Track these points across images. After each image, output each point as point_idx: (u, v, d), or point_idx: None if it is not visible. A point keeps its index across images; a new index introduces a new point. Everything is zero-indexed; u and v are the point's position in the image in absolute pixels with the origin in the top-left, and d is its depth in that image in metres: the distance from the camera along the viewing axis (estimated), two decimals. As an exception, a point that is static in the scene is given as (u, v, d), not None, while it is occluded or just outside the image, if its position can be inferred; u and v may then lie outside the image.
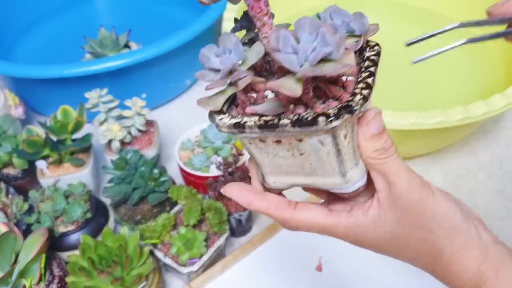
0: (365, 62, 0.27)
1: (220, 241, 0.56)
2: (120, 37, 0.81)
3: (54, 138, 0.63)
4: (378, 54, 0.28)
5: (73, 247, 0.56)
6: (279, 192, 0.30)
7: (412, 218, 0.27)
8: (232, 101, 0.28)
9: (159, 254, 0.55)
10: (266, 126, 0.25)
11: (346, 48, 0.25)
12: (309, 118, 0.24)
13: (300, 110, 0.26)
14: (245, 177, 0.59)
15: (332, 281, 0.56)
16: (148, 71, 0.75)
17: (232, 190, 0.30)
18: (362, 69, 0.27)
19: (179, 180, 0.68)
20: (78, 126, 0.63)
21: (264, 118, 0.25)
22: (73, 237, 0.56)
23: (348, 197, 0.29)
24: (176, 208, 0.59)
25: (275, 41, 0.23)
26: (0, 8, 0.93)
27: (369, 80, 0.26)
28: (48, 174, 0.63)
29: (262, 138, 0.27)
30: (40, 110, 0.82)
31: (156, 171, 0.60)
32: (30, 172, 0.65)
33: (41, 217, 0.56)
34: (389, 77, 0.82)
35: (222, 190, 0.30)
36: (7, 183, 0.64)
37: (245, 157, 0.64)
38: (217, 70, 0.26)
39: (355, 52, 0.27)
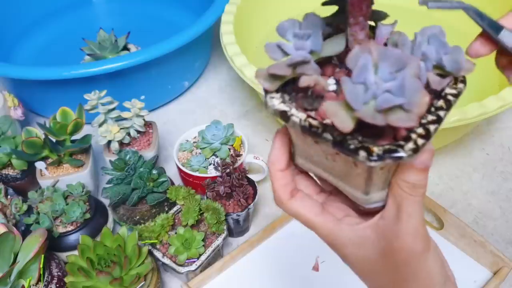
0: (439, 99, 0.24)
1: (218, 241, 0.56)
2: (119, 39, 0.82)
3: (53, 139, 0.63)
4: (459, 94, 0.24)
5: (72, 247, 0.56)
6: (302, 170, 0.30)
7: (396, 260, 0.26)
8: (292, 81, 0.26)
9: (157, 254, 0.55)
10: (308, 130, 0.23)
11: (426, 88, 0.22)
12: (351, 147, 0.22)
13: None
14: (242, 178, 0.59)
15: (329, 281, 0.56)
16: (146, 73, 0.76)
17: (276, 140, 0.29)
18: (432, 108, 0.24)
19: (177, 180, 0.68)
20: (77, 127, 0.63)
21: (310, 120, 0.24)
22: (72, 238, 0.56)
23: (360, 207, 0.28)
24: (175, 209, 0.60)
25: (353, 60, 0.22)
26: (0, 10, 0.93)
27: (432, 128, 0.22)
28: (47, 175, 0.63)
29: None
30: (39, 112, 0.82)
31: (154, 171, 0.61)
32: (29, 173, 0.65)
33: (40, 218, 0.56)
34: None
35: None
36: (6, 183, 0.64)
37: (243, 158, 0.65)
38: (286, 53, 0.24)
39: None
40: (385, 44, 0.27)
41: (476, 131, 0.77)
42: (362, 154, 0.22)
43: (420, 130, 0.22)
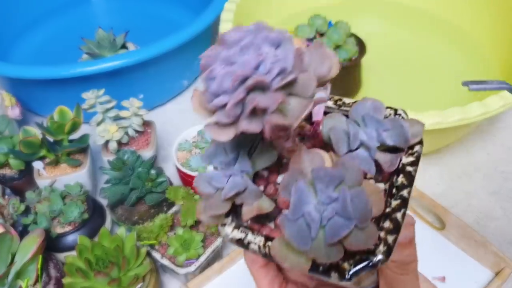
0: (397, 175, 0.22)
1: (218, 242, 0.56)
2: (117, 38, 0.81)
3: (51, 139, 0.63)
4: (418, 159, 0.22)
5: (70, 248, 0.55)
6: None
7: None
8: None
9: (156, 255, 0.55)
10: (271, 258, 0.21)
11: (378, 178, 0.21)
12: (320, 269, 0.20)
13: None
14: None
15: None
16: (145, 72, 0.75)
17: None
18: (393, 189, 0.21)
19: (176, 180, 0.68)
20: (75, 126, 0.63)
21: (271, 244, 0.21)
22: (70, 238, 0.56)
23: None
24: (174, 209, 0.59)
25: (286, 190, 0.20)
26: (-3, 9, 0.93)
27: (399, 216, 0.20)
28: (45, 175, 0.62)
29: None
30: (37, 111, 0.82)
31: (153, 171, 0.60)
32: (27, 172, 0.64)
33: (37, 218, 0.56)
34: (386, 78, 0.83)
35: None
36: (3, 183, 0.63)
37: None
38: (216, 188, 0.22)
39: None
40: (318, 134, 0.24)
41: (477, 130, 0.76)
42: (334, 275, 0.20)
43: (387, 224, 0.20)
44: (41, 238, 0.51)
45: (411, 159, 0.22)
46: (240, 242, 0.22)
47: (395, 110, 0.24)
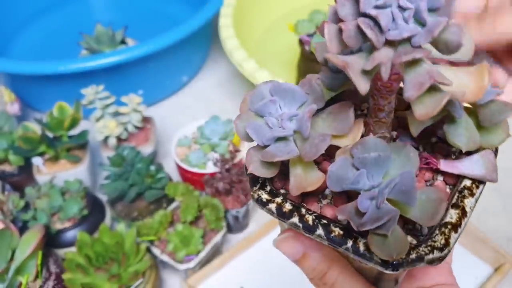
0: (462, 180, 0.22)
1: (217, 237, 0.56)
2: (116, 33, 0.81)
3: (50, 135, 0.62)
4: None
5: (70, 244, 0.55)
6: None
7: None
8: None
9: (156, 251, 0.55)
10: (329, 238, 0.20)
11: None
12: (366, 254, 0.19)
13: None
14: (242, 174, 0.59)
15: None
16: (144, 67, 0.75)
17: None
18: (456, 190, 0.21)
19: (176, 177, 0.67)
20: (74, 122, 0.63)
21: (324, 222, 0.20)
22: (70, 234, 0.56)
23: None
24: (173, 205, 0.59)
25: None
26: (-5, 4, 0.92)
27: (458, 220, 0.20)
28: (45, 171, 0.62)
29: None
30: (36, 107, 0.81)
31: (152, 167, 0.60)
32: (26, 169, 0.64)
33: (37, 214, 0.56)
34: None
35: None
36: (3, 180, 0.63)
37: (242, 154, 0.64)
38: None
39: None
40: None
41: (477, 126, 0.76)
42: (381, 266, 0.19)
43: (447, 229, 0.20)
44: (41, 234, 0.51)
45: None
46: (280, 212, 0.21)
47: None
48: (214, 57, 0.91)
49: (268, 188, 0.22)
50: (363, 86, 0.17)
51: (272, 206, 0.21)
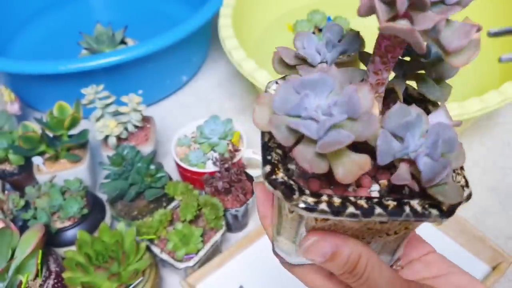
0: None
1: (217, 236, 0.56)
2: (116, 33, 0.81)
3: (51, 134, 0.63)
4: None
5: (70, 243, 0.56)
6: None
7: None
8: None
9: (155, 249, 0.55)
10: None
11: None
12: (425, 212, 0.21)
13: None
14: (241, 173, 0.59)
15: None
16: (144, 67, 0.75)
17: (258, 193, 0.27)
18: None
19: (175, 176, 0.68)
20: (74, 122, 0.63)
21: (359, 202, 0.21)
22: (70, 233, 0.56)
23: None
24: (173, 204, 0.60)
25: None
26: (-5, 4, 0.92)
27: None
28: (45, 170, 0.63)
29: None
30: (36, 106, 0.82)
31: (152, 167, 0.60)
32: (27, 168, 0.65)
33: (37, 213, 0.56)
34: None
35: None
36: (3, 179, 0.64)
37: (241, 153, 0.64)
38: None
39: None
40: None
41: (476, 125, 0.76)
42: (434, 211, 0.21)
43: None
44: (41, 233, 0.51)
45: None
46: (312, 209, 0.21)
47: None
48: (213, 57, 0.91)
49: (307, 191, 0.21)
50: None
51: (324, 206, 0.20)
